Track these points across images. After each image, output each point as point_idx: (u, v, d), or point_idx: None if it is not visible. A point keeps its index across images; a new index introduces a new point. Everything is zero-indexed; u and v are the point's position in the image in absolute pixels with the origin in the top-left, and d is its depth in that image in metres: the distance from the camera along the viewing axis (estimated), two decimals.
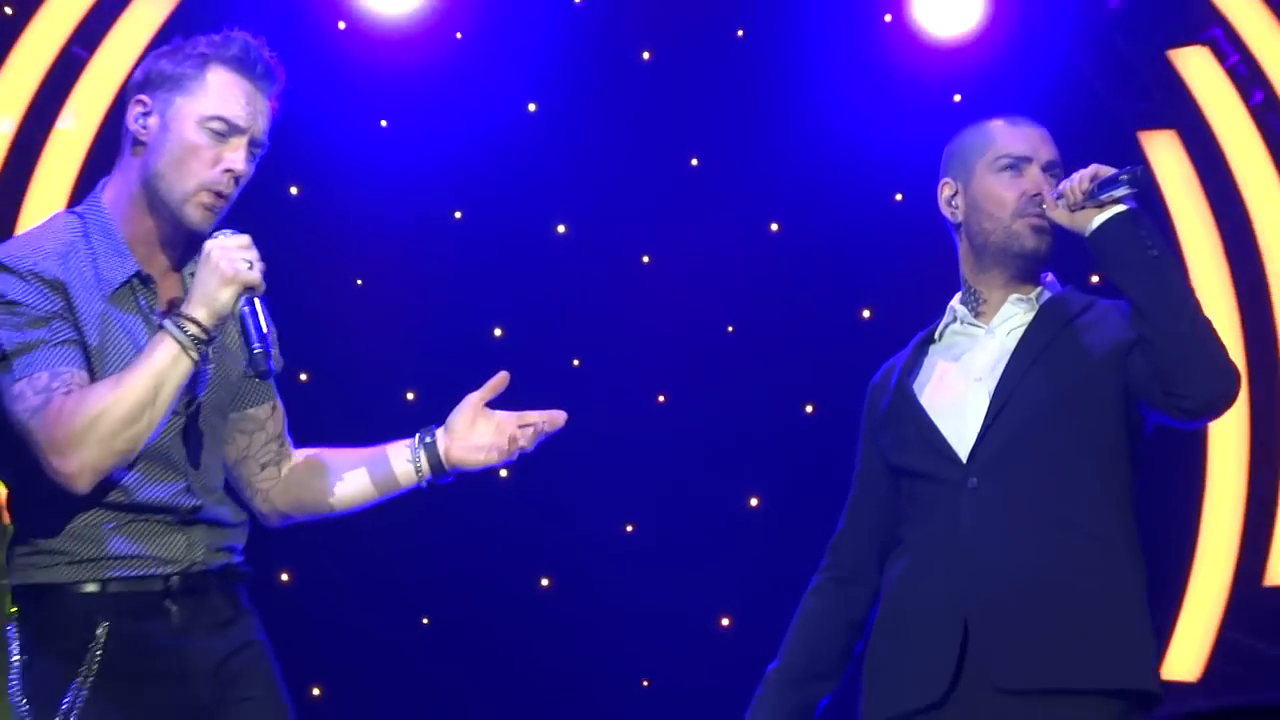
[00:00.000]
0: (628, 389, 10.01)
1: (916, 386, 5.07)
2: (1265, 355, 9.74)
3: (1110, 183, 4.88)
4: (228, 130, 4.77)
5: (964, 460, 4.90)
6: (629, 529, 10.07)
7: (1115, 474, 4.95)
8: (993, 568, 4.80)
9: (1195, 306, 4.88)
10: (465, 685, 9.70)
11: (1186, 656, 9.62)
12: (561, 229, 10.21)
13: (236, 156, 4.76)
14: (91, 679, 4.53)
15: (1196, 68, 9.89)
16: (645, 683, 9.92)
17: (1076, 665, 4.75)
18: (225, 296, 4.51)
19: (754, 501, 10.06)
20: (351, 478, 5.01)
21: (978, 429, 4.92)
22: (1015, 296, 5.05)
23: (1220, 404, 4.97)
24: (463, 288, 9.82)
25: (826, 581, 5.25)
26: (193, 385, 4.66)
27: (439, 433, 4.96)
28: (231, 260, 4.52)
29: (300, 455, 5.08)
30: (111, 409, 4.47)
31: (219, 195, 4.73)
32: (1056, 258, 5.27)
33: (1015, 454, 4.87)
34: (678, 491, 9.87)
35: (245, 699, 4.70)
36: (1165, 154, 9.86)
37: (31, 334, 4.55)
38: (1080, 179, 4.89)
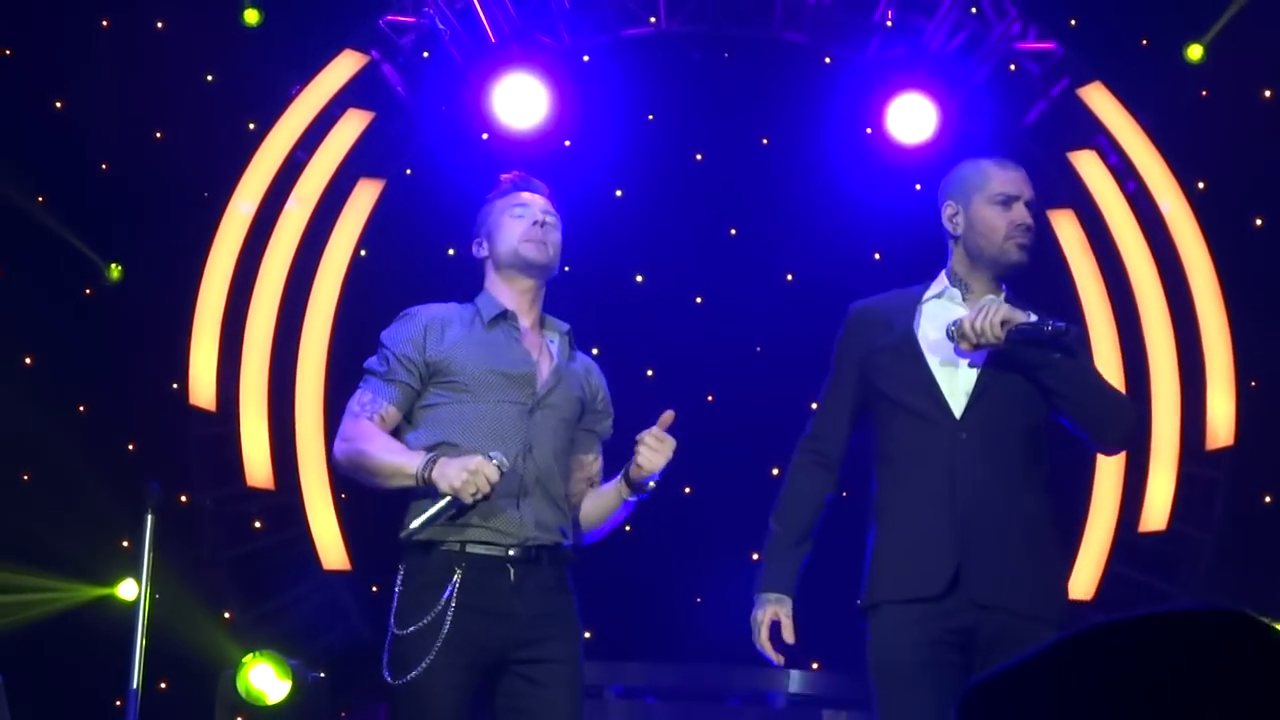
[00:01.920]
0: (686, 391, 10.00)
1: (920, 337, 4.88)
2: (1137, 362, 9.75)
3: (1034, 339, 4.67)
4: (516, 207, 5.04)
5: (957, 416, 4.75)
6: (687, 490, 10.07)
7: (1047, 449, 4.86)
8: (980, 511, 4.68)
9: (1096, 380, 4.81)
10: None
11: (1084, 582, 9.61)
12: (639, 278, 10.25)
13: (532, 213, 5.00)
14: (450, 607, 4.63)
15: (1087, 164, 9.92)
16: (698, 599, 9.94)
17: (1027, 595, 4.67)
18: (444, 487, 4.59)
19: (775, 471, 10.06)
20: (598, 506, 5.06)
21: (968, 390, 4.78)
22: (990, 296, 4.85)
23: (1128, 443, 4.96)
24: (569, 320, 9.86)
25: (811, 464, 5.06)
26: (533, 390, 4.83)
27: (630, 466, 4.95)
28: (465, 481, 4.57)
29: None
30: (360, 457, 4.76)
31: (536, 239, 4.98)
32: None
33: (994, 421, 4.75)
34: (721, 464, 9.87)
35: (552, 660, 4.73)
36: (1066, 226, 9.87)
37: (379, 366, 4.85)
38: (990, 323, 4.65)
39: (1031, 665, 1.93)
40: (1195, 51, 9.86)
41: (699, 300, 10.24)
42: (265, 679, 8.06)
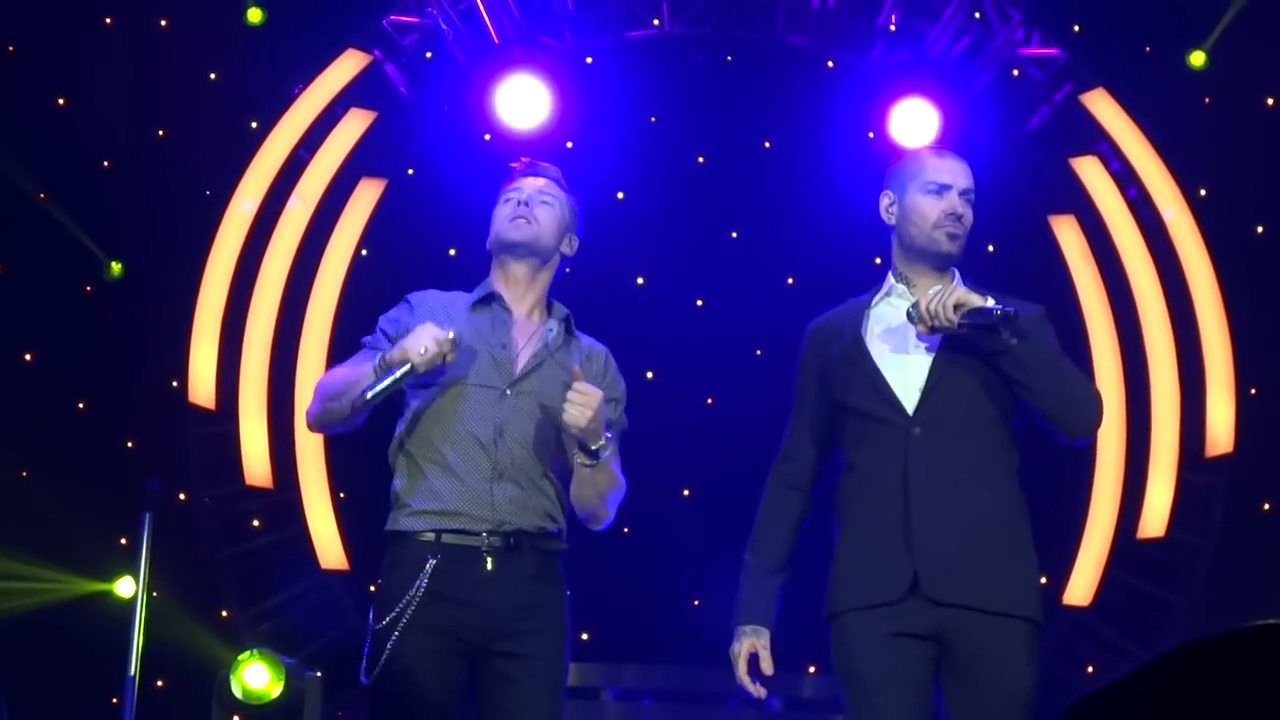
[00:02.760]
0: (686, 394, 10.01)
1: (867, 340, 4.78)
2: (1137, 369, 9.73)
3: (985, 323, 4.56)
4: (508, 194, 5.02)
5: (910, 412, 4.64)
6: (686, 493, 10.07)
7: (1011, 443, 4.74)
8: (933, 507, 4.59)
9: (1056, 367, 4.69)
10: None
11: (1082, 587, 9.60)
12: (640, 280, 10.23)
13: (520, 195, 5.00)
14: (416, 599, 4.54)
15: (1089, 170, 9.90)
16: (696, 602, 9.91)
17: (990, 591, 4.56)
18: (399, 357, 4.54)
19: None
20: (576, 484, 4.85)
21: (920, 385, 4.66)
22: (936, 288, 4.69)
23: (1094, 430, 4.81)
24: None
25: (780, 489, 4.99)
26: (510, 374, 4.73)
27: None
28: (411, 344, 4.55)
29: None
30: (323, 389, 4.72)
31: (517, 216, 4.95)
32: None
33: (950, 414, 4.64)
34: (721, 467, 9.83)
35: (530, 656, 4.63)
36: (1067, 231, 9.86)
37: (369, 340, 4.82)
38: (942, 305, 4.56)
39: (1134, 680, 1.88)
40: (1198, 58, 9.84)
41: (700, 303, 10.22)
42: (259, 678, 8.03)
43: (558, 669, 4.70)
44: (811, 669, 9.49)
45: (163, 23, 9.82)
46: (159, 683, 8.97)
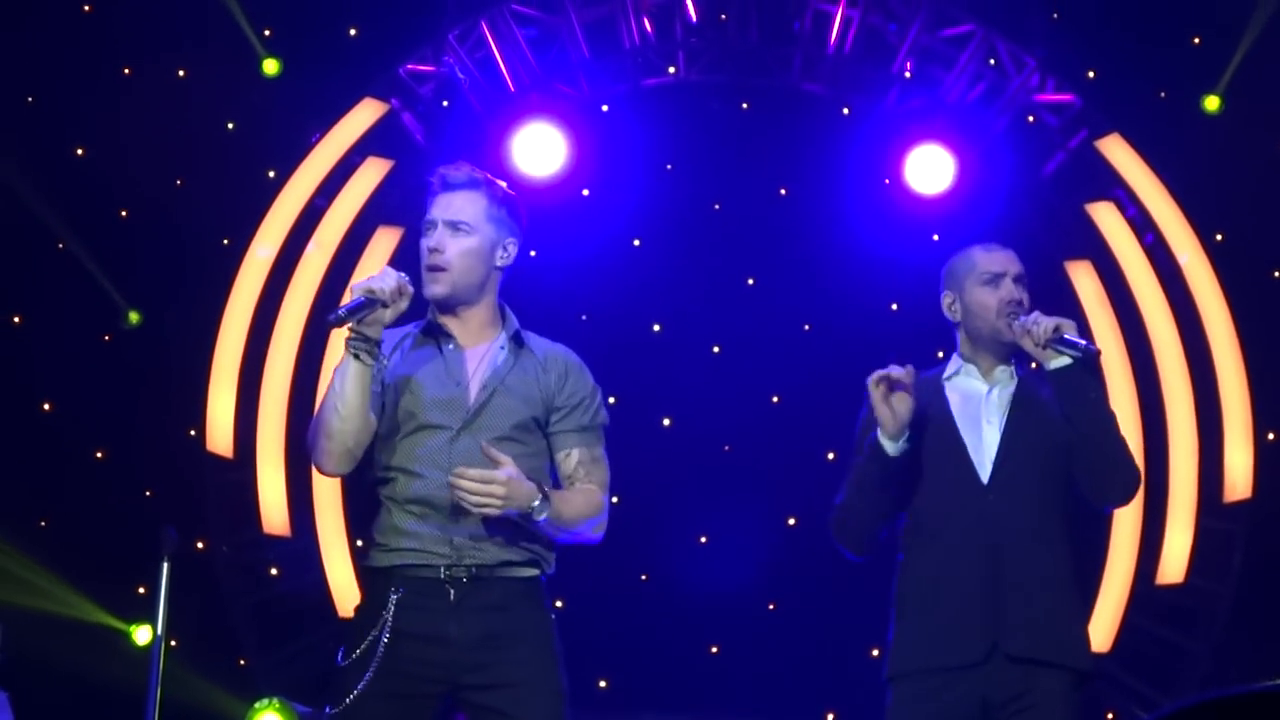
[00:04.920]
0: (703, 440, 10.01)
1: (951, 411, 5.04)
2: (1154, 415, 9.72)
3: (1071, 347, 4.85)
4: (425, 226, 4.92)
5: (984, 481, 4.92)
6: (703, 540, 10.05)
7: (1070, 507, 5.02)
8: (1006, 570, 4.84)
9: (1116, 432, 4.98)
10: (585, 654, 9.63)
11: (1101, 634, 9.56)
12: (657, 328, 10.25)
13: (429, 239, 4.89)
14: (384, 635, 4.49)
15: (1105, 216, 9.92)
16: (714, 649, 9.90)
17: (1052, 644, 4.82)
18: (363, 289, 4.61)
19: (791, 521, 10.04)
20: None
21: (993, 456, 4.94)
22: (1001, 367, 5.07)
23: (1128, 499, 5.12)
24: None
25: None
26: (462, 413, 4.60)
27: None
28: (379, 278, 4.64)
29: None
30: (315, 419, 4.61)
31: (428, 268, 4.86)
32: None
33: (1020, 481, 4.91)
34: (738, 513, 9.85)
35: (509, 684, 4.49)
36: (1083, 277, 9.86)
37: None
38: (1046, 325, 4.84)
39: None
40: (1212, 102, 9.86)
41: (716, 350, 10.24)
42: None
43: (549, 692, 4.57)
44: (830, 717, 9.48)
45: (180, 73, 9.88)
46: None
